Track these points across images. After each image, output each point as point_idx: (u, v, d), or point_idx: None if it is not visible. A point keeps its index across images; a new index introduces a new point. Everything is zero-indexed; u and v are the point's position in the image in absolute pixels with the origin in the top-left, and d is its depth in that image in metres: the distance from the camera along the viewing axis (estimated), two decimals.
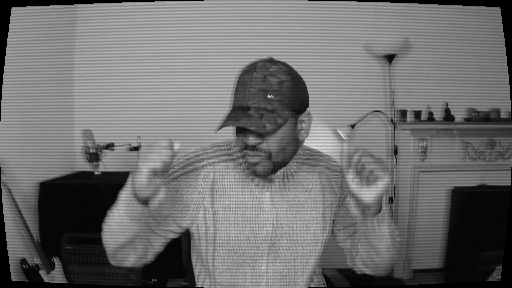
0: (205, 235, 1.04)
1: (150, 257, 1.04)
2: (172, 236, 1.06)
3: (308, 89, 1.02)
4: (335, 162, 1.12)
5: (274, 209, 1.04)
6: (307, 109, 1.01)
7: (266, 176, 1.01)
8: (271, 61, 0.98)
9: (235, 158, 1.05)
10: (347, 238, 1.11)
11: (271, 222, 1.04)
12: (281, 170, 1.03)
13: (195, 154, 1.06)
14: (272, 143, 0.96)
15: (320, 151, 1.13)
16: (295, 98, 0.96)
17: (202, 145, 1.09)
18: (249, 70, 0.96)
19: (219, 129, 0.94)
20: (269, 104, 0.94)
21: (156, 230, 1.02)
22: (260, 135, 0.95)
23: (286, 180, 1.05)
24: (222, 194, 1.03)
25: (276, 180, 1.04)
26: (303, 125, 1.00)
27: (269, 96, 0.93)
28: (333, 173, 1.10)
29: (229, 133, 1.03)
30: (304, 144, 1.08)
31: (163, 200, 0.90)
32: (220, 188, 1.03)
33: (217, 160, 1.05)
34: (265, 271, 1.05)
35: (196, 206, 1.03)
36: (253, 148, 0.96)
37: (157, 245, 1.04)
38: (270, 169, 0.99)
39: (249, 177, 1.04)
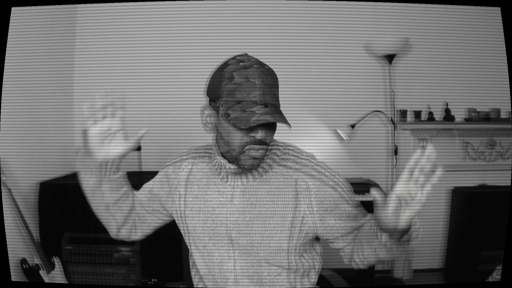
0: (180, 218, 1.12)
1: (139, 232, 1.18)
2: (159, 219, 1.18)
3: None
4: (323, 169, 1.04)
5: (231, 205, 1.04)
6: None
7: (254, 169, 1.03)
8: (248, 56, 1.01)
9: (212, 157, 1.08)
10: (347, 244, 1.07)
11: (226, 217, 1.05)
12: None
13: (186, 151, 1.16)
14: (271, 136, 1.01)
15: (305, 151, 1.08)
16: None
17: (201, 143, 1.17)
18: (261, 66, 0.98)
19: (256, 125, 0.94)
20: (277, 102, 0.99)
21: (147, 207, 1.15)
22: (273, 130, 1.01)
23: (252, 177, 1.04)
24: (194, 182, 1.10)
25: (243, 176, 1.04)
26: None
27: (275, 93, 0.99)
28: (314, 183, 1.02)
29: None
30: (286, 141, 1.09)
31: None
32: (193, 177, 1.11)
33: (198, 155, 1.13)
34: (232, 267, 1.07)
35: (174, 191, 1.12)
36: (261, 142, 0.98)
37: (146, 223, 1.17)
38: (262, 160, 1.03)
39: (217, 171, 1.06)
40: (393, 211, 0.85)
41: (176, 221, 1.15)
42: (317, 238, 1.11)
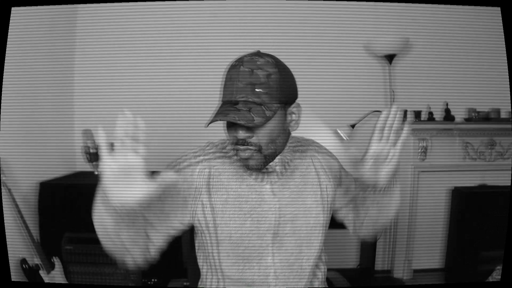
0: (206, 229, 1.04)
1: (153, 253, 1.00)
2: (174, 233, 1.04)
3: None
4: (321, 145, 1.16)
5: (276, 199, 1.04)
6: (297, 100, 1.03)
7: (258, 169, 1.01)
8: (258, 54, 0.99)
9: (230, 155, 1.05)
10: (349, 212, 1.15)
11: (274, 211, 1.04)
12: (278, 163, 1.04)
13: (191, 151, 1.07)
14: (261, 136, 0.97)
15: (304, 136, 1.16)
16: (283, 90, 0.97)
17: (201, 143, 1.11)
18: (236, 65, 0.97)
19: (208, 125, 0.95)
20: (257, 98, 0.94)
21: (158, 227, 0.99)
22: (250, 129, 0.96)
23: (284, 169, 1.06)
24: (219, 188, 1.02)
25: (274, 170, 1.05)
26: (293, 116, 1.02)
27: (257, 90, 0.94)
28: (323, 156, 1.13)
29: (223, 132, 1.04)
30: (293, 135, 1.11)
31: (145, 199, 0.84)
32: (217, 182, 1.03)
33: (212, 156, 1.05)
34: (271, 262, 1.05)
35: (193, 201, 1.02)
36: (244, 142, 0.97)
37: (159, 242, 1.00)
38: (262, 162, 1.00)
39: (247, 172, 1.04)
40: (371, 169, 0.94)
41: (199, 232, 1.06)
42: None
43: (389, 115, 0.94)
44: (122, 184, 0.82)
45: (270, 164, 1.03)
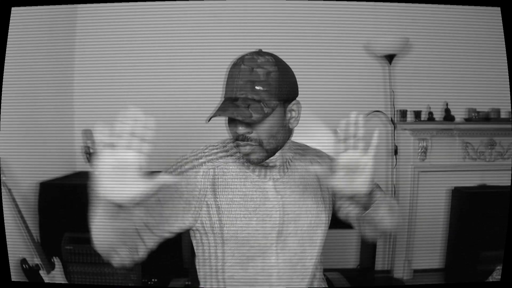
0: (211, 230, 1.03)
1: (141, 254, 0.98)
2: (168, 236, 1.02)
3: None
4: (321, 151, 1.17)
5: (279, 196, 1.06)
6: (297, 98, 1.05)
7: (260, 163, 1.03)
8: (259, 53, 1.01)
9: (232, 154, 1.07)
10: (352, 209, 1.12)
11: (278, 209, 1.05)
12: (279, 158, 1.06)
13: (192, 153, 1.06)
14: (261, 132, 0.99)
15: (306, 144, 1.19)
16: (282, 88, 0.99)
17: (200, 143, 1.11)
18: (238, 63, 0.99)
19: (209, 120, 0.98)
20: (256, 95, 0.96)
21: (154, 230, 0.97)
22: (249, 125, 0.98)
23: (285, 168, 1.08)
24: (225, 188, 1.03)
25: (276, 168, 1.07)
26: (293, 113, 1.03)
27: (256, 87, 0.96)
28: (323, 159, 1.15)
29: (224, 133, 1.06)
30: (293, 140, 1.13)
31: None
32: (221, 183, 1.03)
33: (215, 157, 1.06)
34: (275, 261, 1.06)
35: (198, 203, 1.02)
36: (244, 138, 0.99)
37: (151, 244, 0.98)
38: (264, 156, 1.01)
39: (250, 169, 1.05)
40: (344, 180, 0.92)
41: (201, 234, 1.05)
42: None
43: (349, 123, 0.90)
44: (117, 180, 0.80)
45: (271, 158, 1.04)
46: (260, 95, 0.96)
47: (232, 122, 1.01)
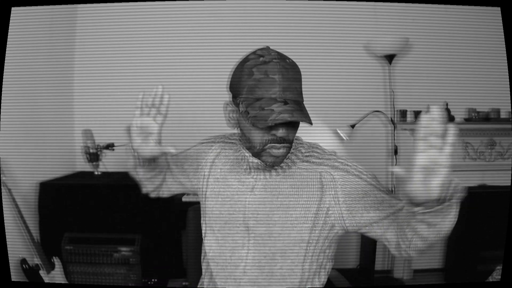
0: (202, 199, 1.15)
1: (164, 192, 1.24)
2: (180, 187, 1.22)
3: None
4: (345, 161, 1.05)
5: (251, 195, 1.05)
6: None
7: (278, 165, 1.04)
8: (278, 52, 1.00)
9: (236, 144, 1.13)
10: (385, 230, 1.01)
11: (244, 205, 1.06)
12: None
13: (220, 135, 1.20)
14: (293, 135, 1.01)
15: (326, 148, 1.11)
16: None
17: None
18: (276, 59, 0.96)
19: (274, 123, 0.93)
20: (300, 97, 0.98)
21: (177, 174, 1.20)
22: (296, 128, 1.01)
23: (275, 172, 1.06)
24: (218, 166, 1.13)
25: (266, 171, 1.06)
26: None
27: (298, 88, 0.98)
28: (340, 174, 1.02)
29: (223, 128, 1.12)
30: (308, 141, 1.11)
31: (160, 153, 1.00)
32: (218, 161, 1.13)
33: (229, 141, 1.16)
34: (245, 255, 1.06)
35: (201, 170, 1.15)
36: (282, 140, 0.98)
37: (173, 186, 1.22)
38: (284, 157, 1.03)
39: (242, 164, 1.08)
40: (421, 183, 0.80)
41: (200, 200, 1.18)
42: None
43: (432, 119, 0.74)
44: (140, 139, 0.98)
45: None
46: (301, 95, 0.98)
47: (279, 125, 0.96)
